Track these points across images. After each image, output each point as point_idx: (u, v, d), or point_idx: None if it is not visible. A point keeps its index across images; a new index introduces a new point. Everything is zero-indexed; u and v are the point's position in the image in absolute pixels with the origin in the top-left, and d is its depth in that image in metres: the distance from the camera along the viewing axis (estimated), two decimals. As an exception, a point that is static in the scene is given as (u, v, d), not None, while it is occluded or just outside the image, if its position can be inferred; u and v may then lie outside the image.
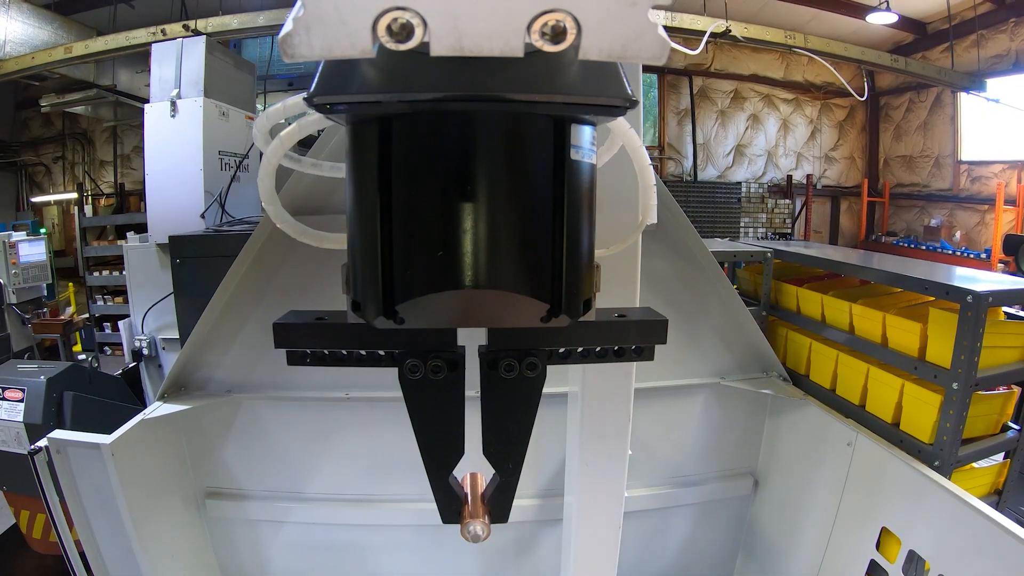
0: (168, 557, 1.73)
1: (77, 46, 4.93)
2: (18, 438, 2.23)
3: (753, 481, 2.00)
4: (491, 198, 0.45)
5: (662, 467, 1.89)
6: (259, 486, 1.87)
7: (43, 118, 8.98)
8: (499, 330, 0.56)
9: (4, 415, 2.21)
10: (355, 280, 0.51)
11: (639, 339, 0.62)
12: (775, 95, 8.42)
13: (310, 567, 1.93)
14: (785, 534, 1.93)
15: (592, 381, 1.14)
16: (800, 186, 8.42)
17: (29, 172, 9.27)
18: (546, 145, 0.46)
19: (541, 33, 0.36)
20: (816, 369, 1.83)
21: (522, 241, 0.47)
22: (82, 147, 8.97)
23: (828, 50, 5.61)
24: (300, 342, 0.60)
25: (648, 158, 0.66)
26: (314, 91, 0.44)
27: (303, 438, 1.80)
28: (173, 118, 3.00)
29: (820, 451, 1.72)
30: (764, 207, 7.92)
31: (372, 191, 0.46)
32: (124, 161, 8.84)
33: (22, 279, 6.81)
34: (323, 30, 0.35)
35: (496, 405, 0.59)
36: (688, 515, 2.02)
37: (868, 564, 1.61)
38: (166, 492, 1.78)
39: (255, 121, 0.64)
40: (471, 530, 0.64)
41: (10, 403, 2.20)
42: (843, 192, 8.85)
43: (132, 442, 1.59)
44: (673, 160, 8.07)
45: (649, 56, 0.37)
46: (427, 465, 0.61)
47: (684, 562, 2.11)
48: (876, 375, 1.59)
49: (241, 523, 1.91)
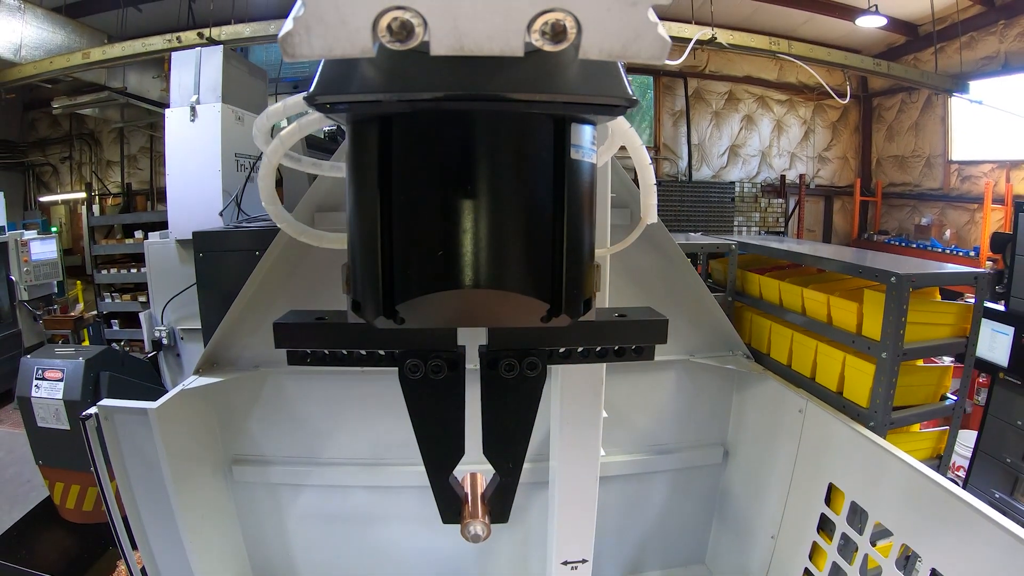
0: (199, 518, 1.96)
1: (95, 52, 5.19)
2: (57, 415, 2.47)
3: (724, 451, 2.24)
4: (491, 197, 0.46)
5: (640, 436, 2.13)
6: (280, 453, 2.10)
7: (50, 119, 9.23)
8: (499, 330, 0.56)
9: (44, 394, 2.45)
10: (355, 280, 0.51)
11: (639, 339, 0.62)
12: (769, 96, 8.66)
13: (325, 527, 2.16)
14: (752, 499, 2.17)
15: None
16: (793, 186, 8.66)
17: (36, 172, 9.51)
18: (546, 144, 0.47)
19: (541, 32, 0.36)
20: (775, 347, 2.07)
21: (522, 241, 0.47)
22: (89, 147, 9.23)
23: (812, 55, 5.86)
24: (300, 342, 0.60)
25: (648, 158, 0.68)
26: (314, 90, 0.45)
27: (322, 409, 2.03)
28: (193, 122, 3.24)
29: (778, 419, 1.96)
30: (757, 206, 8.16)
31: (372, 191, 0.46)
32: (131, 161, 9.10)
33: (33, 276, 7.07)
34: (323, 29, 0.36)
35: (496, 405, 0.60)
36: (665, 481, 2.25)
37: (819, 518, 1.84)
38: (198, 458, 2.00)
39: (255, 121, 0.65)
40: (471, 530, 0.64)
41: (50, 383, 2.45)
42: (836, 192, 9.09)
43: (172, 410, 1.81)
44: (668, 160, 8.32)
45: (649, 55, 0.38)
46: (427, 465, 0.62)
47: (664, 527, 2.34)
48: (823, 350, 1.83)
49: (262, 487, 2.14)
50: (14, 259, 6.92)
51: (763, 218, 8.15)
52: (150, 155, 9.02)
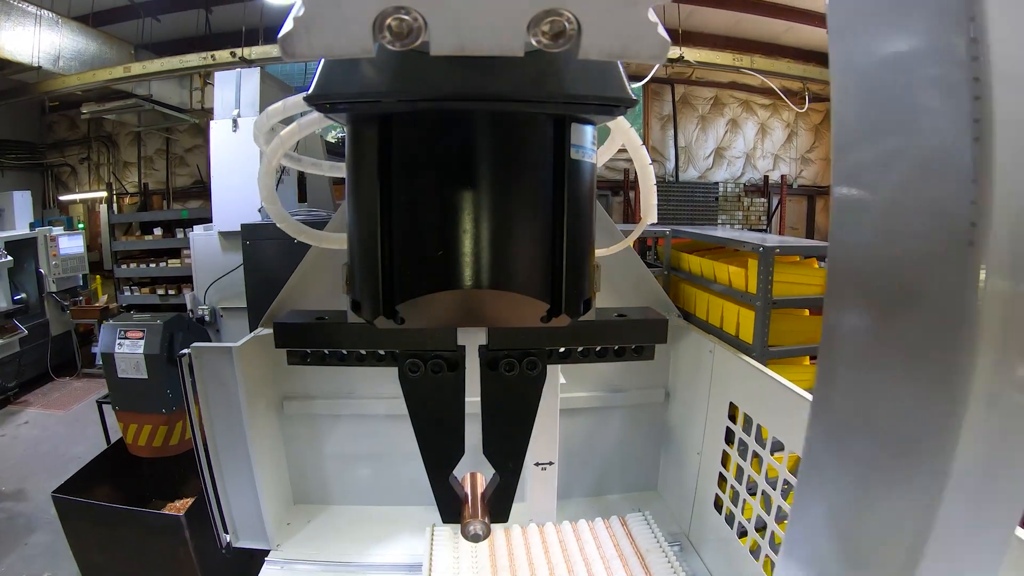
0: (262, 446, 2.56)
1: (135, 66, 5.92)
2: (137, 366, 3.18)
3: (665, 392, 2.94)
4: (491, 197, 0.47)
5: (597, 377, 2.82)
6: (321, 390, 2.79)
7: (68, 121, 9.96)
8: (499, 330, 0.57)
9: (127, 350, 3.17)
10: (355, 280, 0.52)
11: (639, 338, 0.64)
12: (753, 101, 9.39)
13: (355, 456, 2.80)
14: (686, 428, 2.84)
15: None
16: (777, 186, 9.38)
17: (55, 172, 10.24)
18: (546, 144, 0.48)
19: (541, 32, 0.37)
20: (699, 308, 2.79)
21: (522, 241, 0.49)
22: (107, 149, 9.95)
23: (773, 69, 6.59)
24: (301, 341, 0.60)
25: (648, 158, 0.69)
26: (314, 90, 0.46)
27: (356, 354, 2.71)
28: (234, 132, 3.97)
29: (699, 361, 2.65)
30: (740, 205, 8.88)
31: (372, 190, 0.47)
32: (147, 163, 9.83)
33: (61, 270, 7.78)
34: (323, 29, 0.36)
35: (496, 405, 0.61)
36: (620, 416, 2.92)
37: (725, 431, 2.54)
38: (261, 394, 2.63)
39: (255, 120, 0.66)
40: (471, 530, 0.65)
41: (132, 341, 3.17)
42: (818, 191, 9.79)
43: (247, 350, 2.46)
44: (656, 162, 9.04)
45: (649, 55, 0.39)
46: (427, 465, 0.62)
47: (622, 455, 2.98)
48: (727, 306, 2.55)
49: (305, 418, 2.76)
50: (43, 253, 7.65)
51: (745, 216, 8.86)
52: (166, 157, 9.76)
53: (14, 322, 7.14)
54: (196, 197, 9.68)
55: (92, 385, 7.65)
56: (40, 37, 6.09)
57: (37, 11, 6.00)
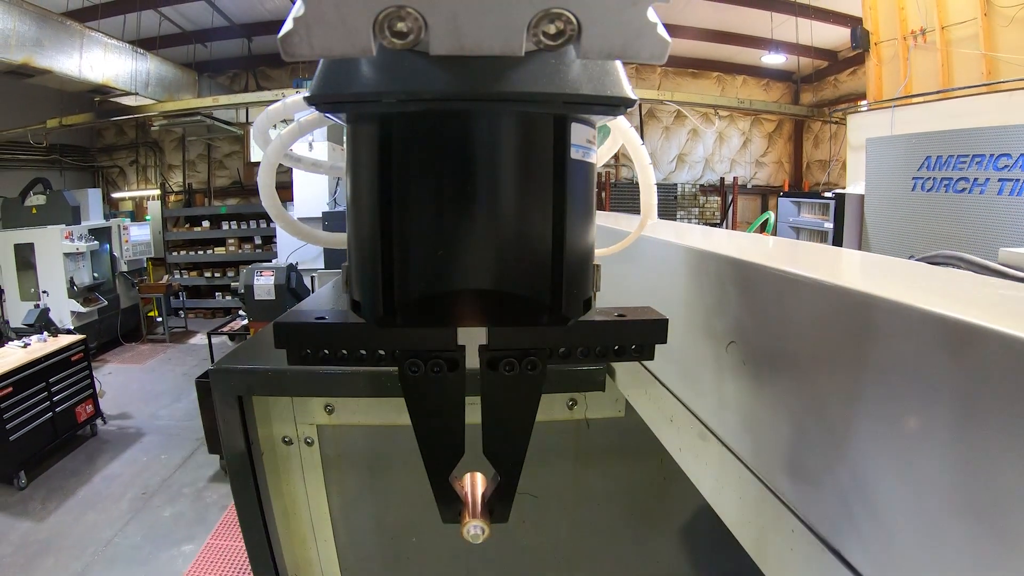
0: None
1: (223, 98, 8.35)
2: (268, 291, 5.64)
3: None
4: (491, 197, 0.49)
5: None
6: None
7: (116, 128, 12.41)
8: (499, 330, 0.59)
9: (264, 281, 5.63)
10: (355, 280, 0.55)
11: (639, 338, 0.66)
12: (711, 114, 11.83)
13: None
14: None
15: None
16: (731, 186, 11.83)
17: (105, 173, 12.65)
18: (547, 144, 0.50)
19: (541, 32, 0.39)
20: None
21: (522, 240, 0.51)
22: (153, 153, 12.38)
23: (703, 101, 9.07)
24: (301, 341, 0.63)
25: (648, 158, 0.73)
26: (314, 90, 0.48)
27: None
28: (311, 151, 6.44)
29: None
30: (697, 203, 11.33)
31: (371, 190, 0.50)
32: (190, 166, 12.29)
33: (132, 253, 10.22)
34: (323, 29, 0.38)
35: (496, 404, 0.64)
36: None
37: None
38: None
39: (255, 120, 0.71)
40: (471, 530, 0.69)
41: (265, 277, 5.63)
42: (771, 190, 12.20)
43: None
44: (626, 167, 11.49)
45: (650, 55, 0.41)
46: (427, 465, 0.67)
47: None
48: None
49: None
50: (116, 240, 10.06)
51: (701, 212, 11.32)
52: (208, 160, 12.24)
53: (96, 295, 9.56)
54: (234, 196, 12.17)
55: (157, 348, 10.06)
56: (136, 66, 8.57)
57: (119, 43, 8.42)
